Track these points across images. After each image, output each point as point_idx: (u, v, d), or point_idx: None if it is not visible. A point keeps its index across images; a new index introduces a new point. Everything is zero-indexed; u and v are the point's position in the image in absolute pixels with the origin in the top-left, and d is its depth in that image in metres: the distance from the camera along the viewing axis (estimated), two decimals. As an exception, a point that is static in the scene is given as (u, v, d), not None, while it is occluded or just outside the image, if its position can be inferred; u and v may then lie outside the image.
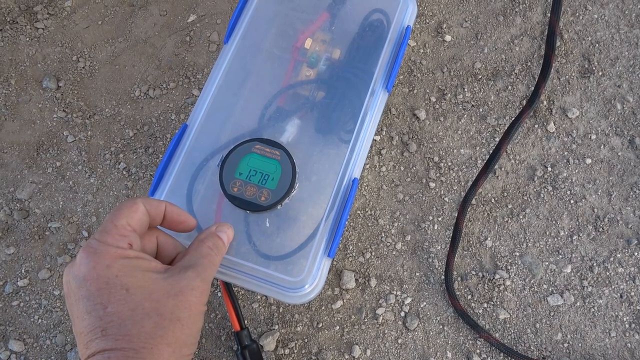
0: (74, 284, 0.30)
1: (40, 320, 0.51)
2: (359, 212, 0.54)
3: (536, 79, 0.57)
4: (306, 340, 0.50)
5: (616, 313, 0.50)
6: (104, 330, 0.29)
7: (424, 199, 0.54)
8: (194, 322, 0.32)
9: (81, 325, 0.30)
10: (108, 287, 0.30)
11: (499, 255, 0.52)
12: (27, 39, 0.60)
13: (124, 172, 0.55)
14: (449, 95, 0.57)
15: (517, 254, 0.52)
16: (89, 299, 0.30)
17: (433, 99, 0.57)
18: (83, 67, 0.59)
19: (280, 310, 0.51)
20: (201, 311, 0.32)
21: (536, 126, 0.56)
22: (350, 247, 0.53)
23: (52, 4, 0.61)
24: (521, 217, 0.53)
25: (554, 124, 0.56)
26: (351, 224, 0.53)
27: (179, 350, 0.30)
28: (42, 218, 0.54)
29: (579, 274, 0.51)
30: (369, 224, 0.53)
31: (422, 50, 0.59)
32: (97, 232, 0.32)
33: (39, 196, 0.55)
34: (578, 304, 0.51)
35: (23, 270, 0.53)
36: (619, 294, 0.51)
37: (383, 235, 0.53)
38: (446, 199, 0.54)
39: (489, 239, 0.53)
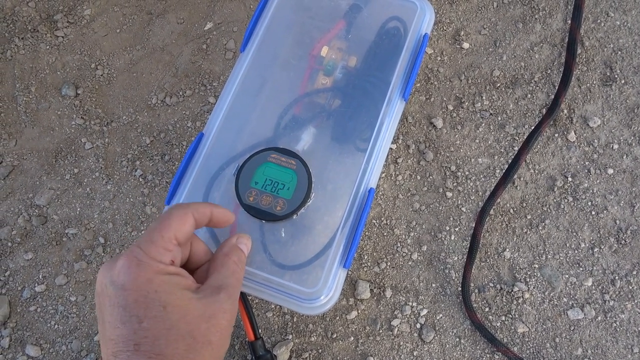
0: (111, 289, 0.30)
1: (56, 326, 0.51)
2: (375, 221, 0.53)
3: (556, 87, 0.56)
4: (320, 350, 0.49)
5: (639, 328, 0.49)
6: (137, 345, 0.28)
7: (440, 208, 0.53)
8: (223, 345, 0.31)
9: (113, 333, 0.29)
10: (146, 302, 0.29)
11: (517, 267, 0.51)
12: (47, 47, 0.61)
13: (141, 179, 0.56)
14: (466, 104, 0.56)
15: (537, 266, 0.51)
16: (125, 309, 0.29)
17: (450, 107, 0.56)
18: (101, 75, 0.60)
19: (295, 320, 0.51)
20: (230, 333, 0.32)
21: (556, 135, 0.55)
22: (366, 257, 0.52)
23: (72, 13, 0.62)
24: (540, 228, 0.52)
25: (575, 133, 0.55)
26: (366, 233, 0.53)
27: None
28: (60, 224, 0.55)
29: (600, 287, 0.50)
30: (385, 234, 0.53)
31: (439, 58, 0.58)
32: (143, 240, 0.31)
33: (57, 202, 0.56)
34: (599, 318, 0.49)
35: (41, 276, 0.53)
36: (642, 309, 0.49)
37: (399, 245, 0.52)
38: (463, 209, 0.53)
39: (508, 250, 0.52)
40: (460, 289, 0.50)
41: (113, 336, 0.29)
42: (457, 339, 0.49)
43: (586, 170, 0.53)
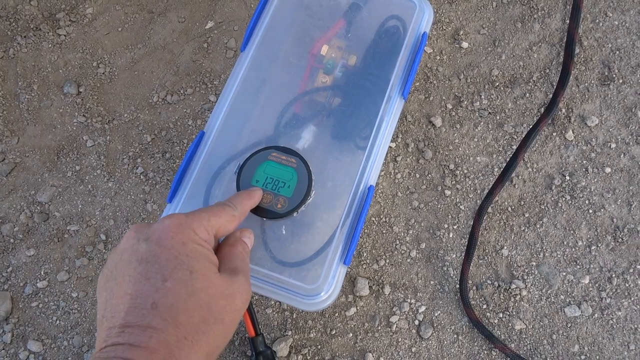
0: (143, 245, 0.30)
1: (58, 322, 0.52)
2: (374, 219, 0.54)
3: (554, 87, 0.56)
4: (319, 346, 0.50)
5: (635, 325, 0.49)
6: (154, 304, 0.28)
7: (439, 206, 0.54)
8: (233, 327, 0.32)
9: (133, 288, 0.28)
10: (176, 262, 0.29)
11: (515, 265, 0.52)
12: (50, 45, 0.61)
13: (142, 177, 0.56)
14: (465, 103, 0.57)
15: (534, 263, 0.51)
16: (153, 265, 0.29)
17: (449, 106, 0.57)
18: (103, 73, 0.60)
19: (294, 316, 0.51)
20: (240, 318, 0.33)
21: (554, 134, 0.55)
22: (365, 254, 0.53)
23: (74, 11, 0.63)
24: (538, 226, 0.52)
25: (573, 132, 0.55)
26: (365, 230, 0.53)
27: (212, 354, 0.30)
28: (62, 221, 0.55)
29: (597, 285, 0.51)
30: (384, 231, 0.53)
31: (438, 57, 0.59)
32: (191, 213, 0.32)
33: (59, 199, 0.56)
34: (596, 315, 0.50)
35: (42, 272, 0.54)
36: (638, 306, 0.50)
37: (397, 242, 0.53)
38: (462, 207, 0.54)
39: (505, 248, 0.52)
40: (458, 286, 0.51)
41: (131, 290, 0.28)
42: (455, 336, 0.50)
43: (584, 169, 0.54)
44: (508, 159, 0.54)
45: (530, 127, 0.54)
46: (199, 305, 0.29)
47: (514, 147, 0.55)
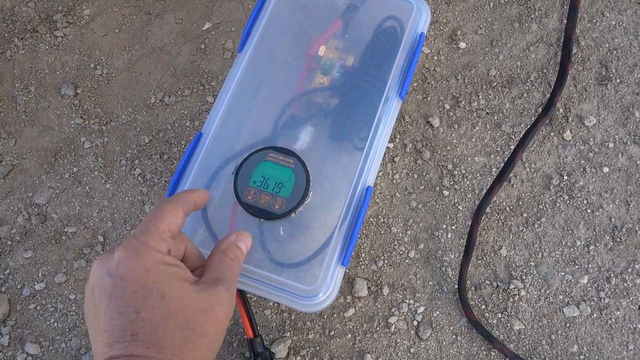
0: (108, 280, 0.29)
1: (56, 324, 0.52)
2: (372, 219, 0.54)
3: (552, 87, 0.56)
4: (318, 348, 0.50)
5: (634, 325, 0.49)
6: (134, 335, 0.28)
7: (437, 207, 0.54)
8: (219, 338, 0.31)
9: (109, 324, 0.29)
10: (144, 292, 0.29)
11: (513, 265, 0.51)
12: (47, 47, 0.61)
13: (139, 178, 0.56)
14: (463, 103, 0.57)
15: (533, 263, 0.51)
16: (123, 299, 0.29)
17: (447, 107, 0.57)
18: (100, 75, 0.60)
19: (292, 318, 0.51)
20: (226, 326, 0.32)
21: (552, 134, 0.55)
22: (363, 255, 0.52)
23: (71, 13, 0.63)
24: (536, 226, 0.52)
25: (571, 132, 0.55)
26: (364, 231, 0.53)
27: None
28: (59, 223, 0.55)
29: (595, 284, 0.51)
30: (382, 232, 0.53)
31: (436, 58, 0.59)
32: (139, 231, 0.31)
33: (57, 201, 0.56)
34: (595, 315, 0.50)
35: (40, 274, 0.53)
36: (637, 306, 0.50)
37: (396, 243, 0.53)
38: (460, 207, 0.53)
39: (504, 248, 0.52)
40: (456, 286, 0.51)
41: (109, 327, 0.29)
42: (454, 336, 0.50)
43: (582, 169, 0.54)
44: (506, 159, 0.54)
45: (528, 127, 0.54)
46: (179, 325, 0.29)
47: (512, 147, 0.55)
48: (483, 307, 0.50)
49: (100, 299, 0.30)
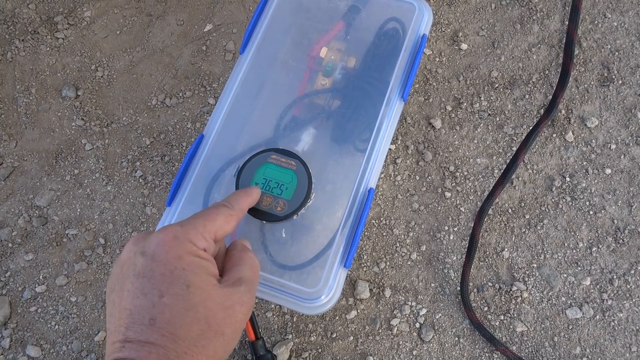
0: (140, 258, 0.29)
1: (57, 327, 0.52)
2: (374, 221, 0.53)
3: (554, 88, 0.56)
4: (320, 350, 0.50)
5: (637, 327, 0.49)
6: (152, 319, 0.28)
7: (439, 208, 0.54)
8: (235, 338, 0.31)
9: (131, 303, 0.28)
10: (172, 277, 0.29)
11: (516, 267, 0.51)
12: (48, 48, 0.61)
13: (141, 180, 0.56)
14: (465, 104, 0.57)
15: (535, 265, 0.51)
16: (149, 280, 0.29)
17: (449, 108, 0.57)
18: (101, 76, 0.60)
19: (294, 320, 0.51)
20: (242, 328, 0.32)
21: (554, 135, 0.55)
22: (365, 257, 0.52)
23: (72, 15, 0.63)
24: (539, 228, 0.52)
25: (573, 134, 0.55)
26: (366, 233, 0.53)
27: None
28: (60, 225, 0.55)
29: (598, 286, 0.50)
30: (384, 234, 0.53)
31: (437, 59, 0.59)
32: (186, 222, 0.31)
33: (57, 203, 0.56)
34: (597, 317, 0.49)
35: (41, 277, 0.53)
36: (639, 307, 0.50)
37: (398, 245, 0.53)
38: (462, 208, 0.53)
39: (506, 249, 0.52)
40: (459, 288, 0.51)
41: (130, 306, 0.28)
42: (456, 338, 0.50)
43: (584, 170, 0.54)
44: (508, 161, 0.54)
45: (530, 128, 0.54)
46: (197, 319, 0.29)
47: (514, 149, 0.55)
48: (485, 309, 0.50)
49: (127, 276, 0.29)
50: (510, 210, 0.53)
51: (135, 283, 0.29)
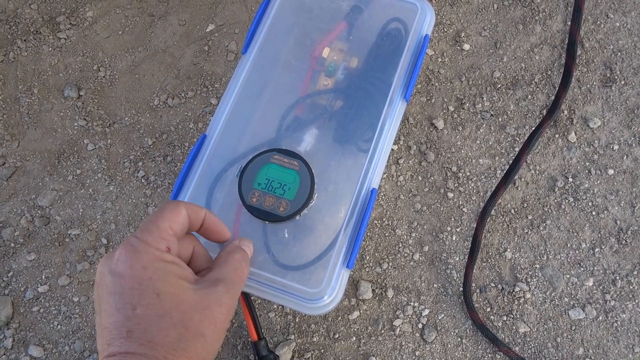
0: (109, 278, 0.30)
1: (59, 327, 0.52)
2: (376, 222, 0.53)
3: (557, 88, 0.56)
4: (322, 350, 0.50)
5: (640, 328, 0.49)
6: (129, 332, 0.29)
7: (442, 209, 0.53)
8: (217, 339, 0.31)
9: (108, 321, 0.29)
10: (140, 289, 0.29)
11: (518, 267, 0.51)
12: (50, 48, 0.61)
13: (143, 180, 0.56)
14: (467, 105, 0.57)
15: (538, 266, 0.51)
16: (120, 296, 0.29)
17: (451, 108, 0.57)
18: (103, 77, 0.60)
19: (297, 320, 0.51)
20: (225, 328, 0.32)
21: (557, 136, 0.55)
22: (367, 257, 0.52)
23: (74, 15, 0.63)
24: (541, 228, 0.52)
25: (575, 134, 0.55)
26: (368, 234, 0.53)
27: None
28: (63, 225, 0.55)
29: (601, 287, 0.50)
30: (386, 234, 0.53)
31: (440, 59, 0.59)
32: (139, 230, 0.32)
33: (60, 203, 0.56)
34: (600, 318, 0.49)
35: (43, 277, 0.53)
36: (643, 309, 0.49)
37: (400, 245, 0.53)
38: (464, 209, 0.53)
39: (509, 250, 0.52)
40: (461, 289, 0.51)
41: (107, 324, 0.29)
42: (459, 339, 0.49)
43: (587, 171, 0.54)
44: (511, 161, 0.54)
45: (533, 129, 0.54)
46: (173, 324, 0.29)
47: (517, 149, 0.55)
48: (488, 309, 0.50)
49: (102, 297, 0.30)
50: (512, 211, 0.53)
51: (110, 301, 0.30)
